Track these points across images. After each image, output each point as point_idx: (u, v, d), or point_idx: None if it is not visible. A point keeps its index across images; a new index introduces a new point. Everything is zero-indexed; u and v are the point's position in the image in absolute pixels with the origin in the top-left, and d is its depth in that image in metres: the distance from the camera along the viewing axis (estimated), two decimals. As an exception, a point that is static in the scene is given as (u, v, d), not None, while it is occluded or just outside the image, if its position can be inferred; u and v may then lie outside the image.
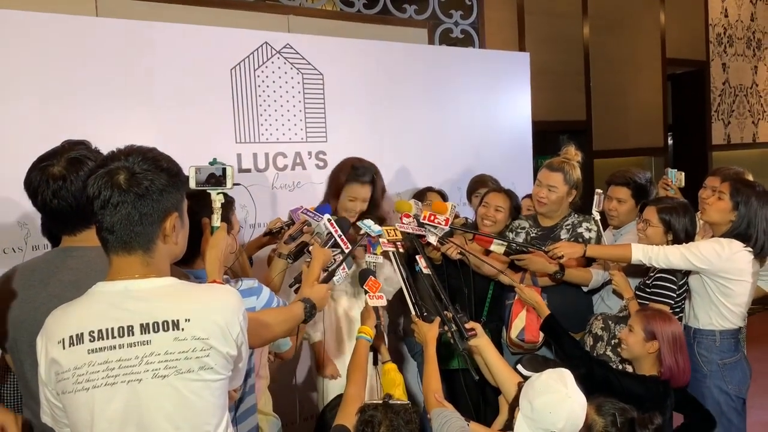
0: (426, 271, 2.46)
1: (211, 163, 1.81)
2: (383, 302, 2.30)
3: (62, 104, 2.67)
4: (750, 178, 3.22)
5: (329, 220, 2.33)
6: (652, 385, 2.36)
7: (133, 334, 1.31)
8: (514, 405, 1.94)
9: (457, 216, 3.06)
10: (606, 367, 2.47)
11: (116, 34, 2.80)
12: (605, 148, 5.92)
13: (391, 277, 2.70)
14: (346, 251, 2.29)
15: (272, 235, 2.60)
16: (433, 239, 2.64)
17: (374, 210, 2.81)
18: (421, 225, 2.62)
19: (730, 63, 7.16)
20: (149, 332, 1.30)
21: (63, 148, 1.71)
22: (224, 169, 1.80)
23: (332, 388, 2.68)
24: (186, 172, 1.80)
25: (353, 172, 2.77)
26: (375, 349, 2.34)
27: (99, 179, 1.34)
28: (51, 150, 1.72)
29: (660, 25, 6.36)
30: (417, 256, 2.51)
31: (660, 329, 2.38)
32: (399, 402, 1.92)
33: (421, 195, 3.36)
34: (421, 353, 2.33)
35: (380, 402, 1.91)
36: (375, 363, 2.34)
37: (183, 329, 1.31)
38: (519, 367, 2.23)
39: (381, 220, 2.81)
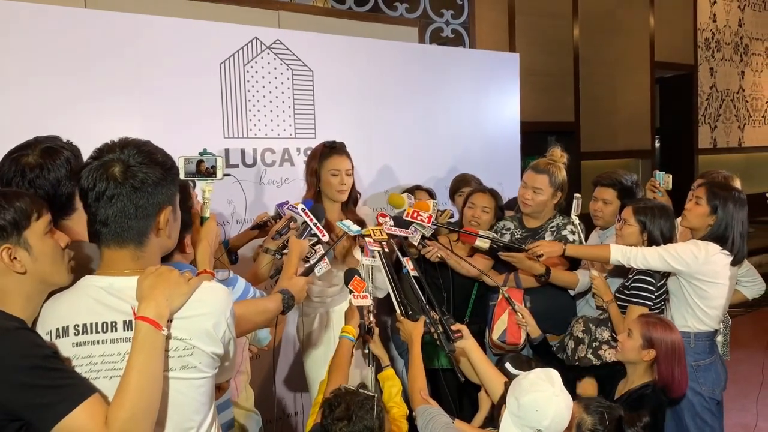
0: (413, 273, 2.46)
1: (201, 154, 1.81)
2: (368, 302, 2.30)
3: (48, 96, 2.64)
4: (738, 183, 3.25)
5: (303, 210, 2.32)
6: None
7: (116, 330, 1.32)
8: (501, 403, 1.95)
9: (441, 212, 3.06)
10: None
11: (104, 27, 2.77)
12: (593, 149, 5.96)
13: (382, 288, 2.72)
14: (323, 239, 2.30)
15: (259, 228, 2.60)
16: (414, 240, 2.65)
17: (352, 190, 2.81)
18: (399, 224, 2.62)
19: (718, 68, 7.23)
20: (132, 329, 1.29)
21: (36, 140, 1.69)
22: (215, 160, 1.80)
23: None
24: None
25: (326, 148, 2.79)
26: (374, 354, 2.35)
27: (93, 171, 1.33)
28: (22, 143, 1.69)
29: (649, 28, 6.41)
30: (405, 259, 2.51)
31: (660, 338, 2.33)
32: (367, 393, 1.94)
33: (409, 193, 3.36)
34: (408, 351, 2.33)
35: (353, 388, 1.95)
36: (378, 370, 2.35)
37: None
38: (506, 365, 2.23)
39: (356, 201, 2.86)
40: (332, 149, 2.77)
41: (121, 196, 1.32)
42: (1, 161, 1.66)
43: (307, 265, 2.22)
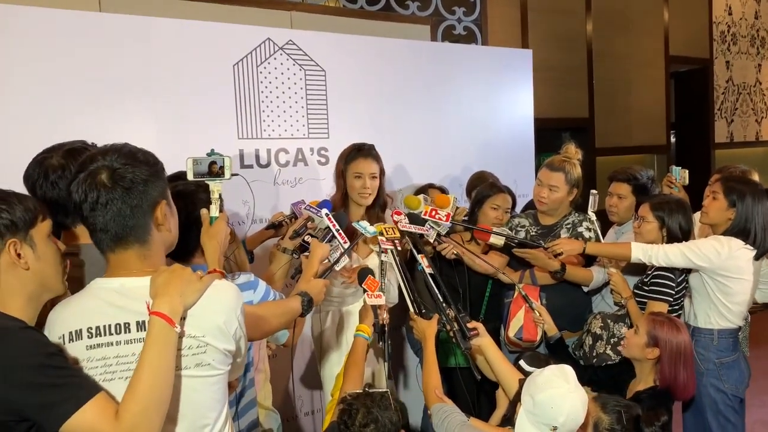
0: (429, 270, 2.45)
1: (209, 154, 1.82)
2: (382, 301, 2.30)
3: (63, 100, 2.67)
4: (756, 177, 3.21)
5: (327, 215, 2.34)
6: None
7: (129, 331, 1.34)
8: (516, 400, 1.94)
9: (457, 209, 3.04)
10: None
11: (119, 30, 2.80)
12: (608, 145, 5.91)
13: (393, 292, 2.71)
14: (345, 245, 2.30)
15: (275, 228, 2.61)
16: (431, 237, 2.64)
17: (379, 195, 2.79)
18: (415, 222, 2.61)
19: (734, 61, 7.14)
20: (145, 329, 1.31)
21: (61, 144, 1.75)
22: (223, 160, 1.81)
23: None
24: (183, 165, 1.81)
25: (354, 150, 2.78)
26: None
27: (82, 183, 1.35)
28: (48, 147, 1.75)
29: (664, 22, 6.34)
30: (420, 256, 2.50)
31: (665, 337, 2.30)
32: (378, 390, 1.94)
33: (422, 191, 3.35)
34: (422, 350, 2.33)
35: (361, 391, 1.94)
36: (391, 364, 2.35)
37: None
38: (521, 363, 2.23)
39: (384, 205, 2.83)
40: (359, 151, 2.75)
41: (115, 200, 1.34)
42: (29, 165, 1.72)
43: (328, 262, 2.23)
